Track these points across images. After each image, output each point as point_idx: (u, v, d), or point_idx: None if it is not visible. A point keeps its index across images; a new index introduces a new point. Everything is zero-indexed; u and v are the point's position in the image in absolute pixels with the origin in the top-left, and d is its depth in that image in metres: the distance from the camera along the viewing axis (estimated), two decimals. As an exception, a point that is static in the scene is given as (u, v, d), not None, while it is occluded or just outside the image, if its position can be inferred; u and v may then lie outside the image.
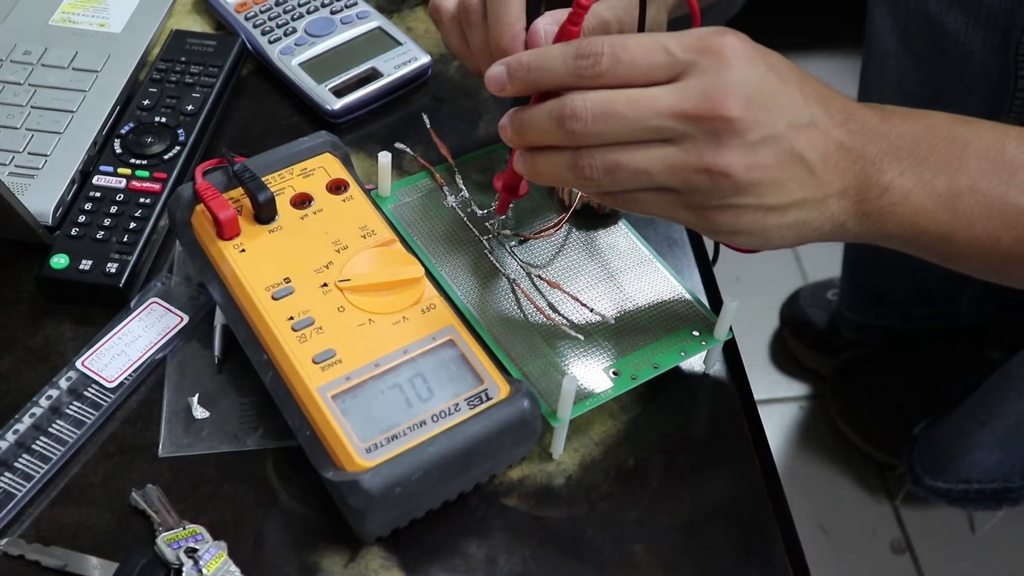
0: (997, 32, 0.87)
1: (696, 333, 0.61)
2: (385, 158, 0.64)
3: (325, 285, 0.58)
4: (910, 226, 0.54)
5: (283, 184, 0.62)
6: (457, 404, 0.55)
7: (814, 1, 1.16)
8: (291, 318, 0.57)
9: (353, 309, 0.57)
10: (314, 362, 0.55)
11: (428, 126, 0.67)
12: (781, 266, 1.43)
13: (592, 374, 0.58)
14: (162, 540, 0.54)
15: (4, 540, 0.55)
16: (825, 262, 1.38)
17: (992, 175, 0.53)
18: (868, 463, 1.24)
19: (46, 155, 0.69)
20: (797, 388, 1.33)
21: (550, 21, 0.61)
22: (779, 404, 1.31)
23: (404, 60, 0.77)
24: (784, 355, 1.35)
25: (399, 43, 0.78)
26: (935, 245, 0.55)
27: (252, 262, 0.59)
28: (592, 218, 0.66)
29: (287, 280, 0.58)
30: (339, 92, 0.75)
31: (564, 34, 0.55)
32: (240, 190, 0.61)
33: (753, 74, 0.49)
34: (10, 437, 0.58)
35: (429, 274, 0.60)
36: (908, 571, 1.17)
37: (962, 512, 1.20)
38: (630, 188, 0.52)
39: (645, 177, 0.51)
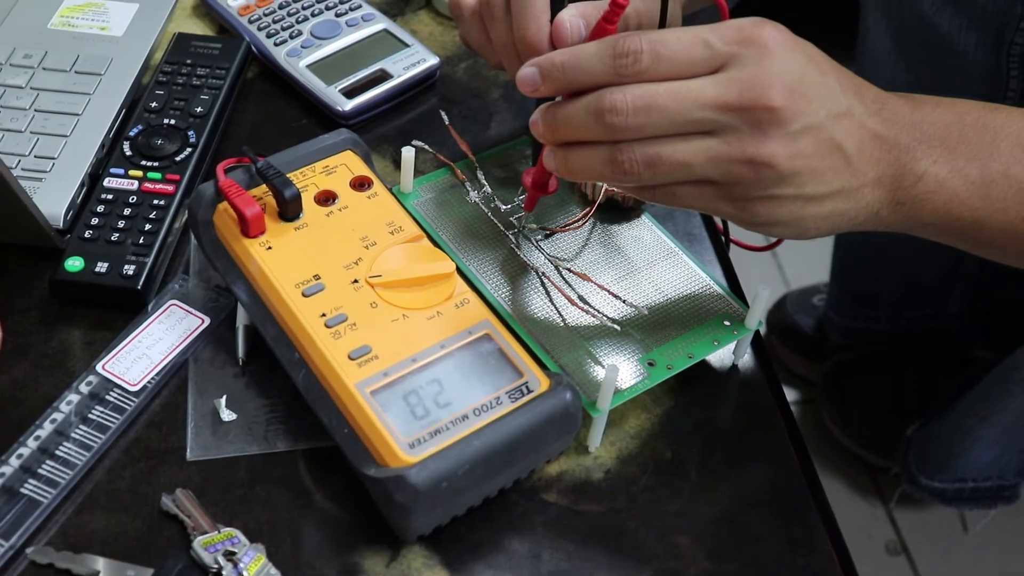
0: (991, 33, 0.88)
1: (727, 323, 0.61)
2: (409, 153, 0.64)
3: (356, 282, 0.57)
4: (944, 213, 0.54)
5: (306, 181, 0.61)
6: (498, 398, 0.54)
7: (805, 4, 1.17)
8: (323, 315, 0.56)
9: (386, 305, 0.56)
10: (350, 358, 0.54)
11: (447, 122, 0.67)
12: (763, 274, 1.43)
13: (628, 365, 0.58)
14: (198, 544, 0.52)
15: (31, 548, 0.53)
16: (806, 269, 1.39)
17: None
18: (860, 467, 1.24)
19: (53, 158, 0.67)
20: (786, 394, 1.33)
21: (575, 13, 0.61)
22: (768, 410, 1.31)
23: (413, 61, 0.76)
24: (772, 361, 1.35)
25: (406, 45, 0.78)
26: (968, 231, 0.55)
27: (280, 259, 0.58)
28: (616, 211, 0.65)
29: (317, 277, 0.57)
30: (349, 93, 0.74)
31: (599, 32, 0.53)
32: (262, 188, 0.60)
33: (794, 64, 0.49)
34: (31, 444, 0.56)
35: (458, 269, 0.59)
36: (904, 572, 1.18)
37: (955, 513, 1.21)
38: (669, 181, 0.51)
39: (686, 170, 0.50)
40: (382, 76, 0.75)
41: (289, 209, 0.59)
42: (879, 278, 1.16)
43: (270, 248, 0.58)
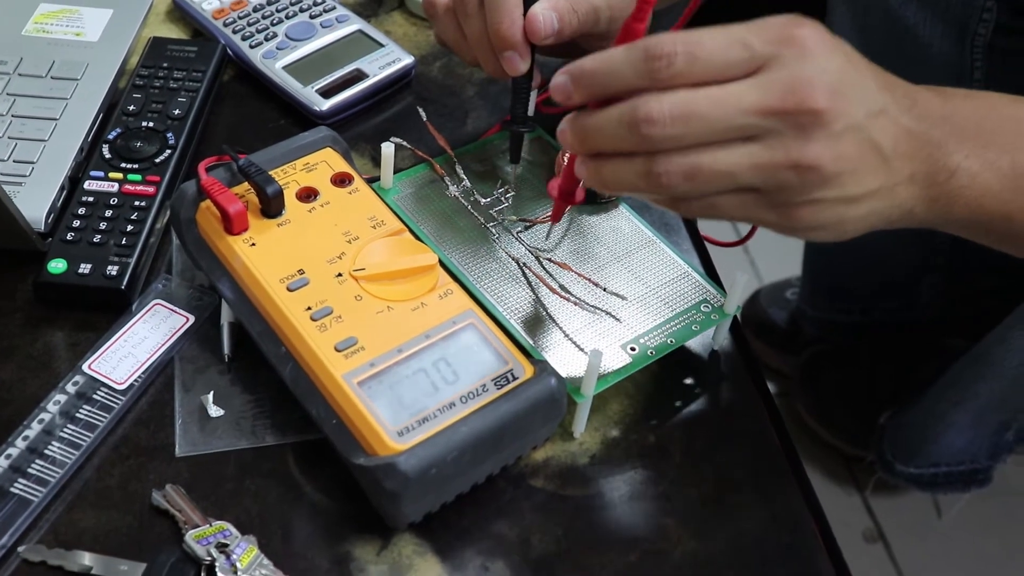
0: (955, 25, 0.90)
1: (706, 309, 0.62)
2: (388, 149, 0.64)
3: (340, 275, 0.58)
4: (976, 208, 0.53)
5: (287, 179, 0.62)
6: (484, 385, 0.54)
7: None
8: (309, 308, 0.56)
9: (370, 298, 0.57)
10: (337, 350, 0.55)
11: (425, 118, 0.67)
12: (736, 269, 1.45)
13: (610, 351, 0.59)
14: (190, 537, 0.53)
15: (23, 546, 0.53)
16: (778, 263, 1.40)
17: None
18: (835, 457, 1.26)
19: (32, 162, 0.68)
20: (762, 386, 1.35)
21: (547, 7, 0.62)
22: (744, 404, 1.33)
23: (388, 61, 0.77)
24: (746, 356, 1.37)
25: (381, 45, 0.78)
26: (998, 225, 0.54)
27: (264, 255, 0.58)
28: (594, 203, 0.66)
29: (301, 272, 0.58)
30: (326, 93, 0.74)
31: (628, 32, 0.51)
32: (243, 186, 0.60)
33: (833, 64, 0.47)
34: (20, 444, 0.56)
35: (440, 262, 0.59)
36: (881, 558, 1.20)
37: (929, 499, 1.23)
38: (709, 192, 0.49)
39: (728, 179, 0.48)
40: (358, 76, 0.76)
41: (272, 206, 0.60)
42: (850, 271, 1.18)
43: (254, 244, 0.59)
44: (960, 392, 0.99)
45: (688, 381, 0.63)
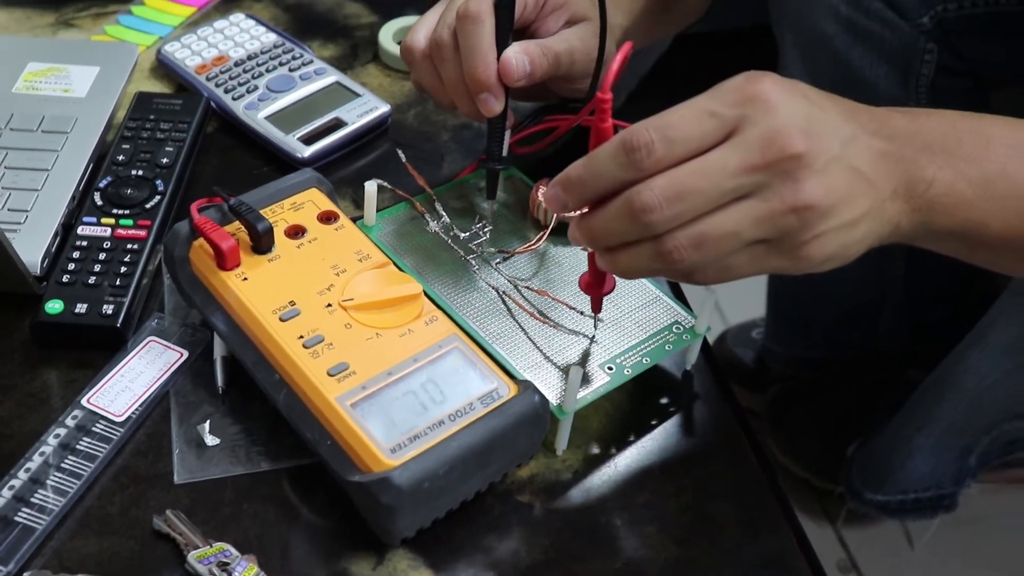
0: (899, 66, 0.95)
1: (678, 330, 0.65)
2: (372, 187, 0.67)
3: (329, 305, 0.60)
4: (953, 215, 0.55)
5: (276, 217, 0.65)
6: (471, 404, 0.57)
7: (725, 45, 1.24)
8: (301, 337, 0.59)
9: (359, 325, 0.60)
10: (329, 375, 0.57)
11: (404, 160, 0.71)
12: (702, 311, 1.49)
13: (589, 370, 0.62)
14: (192, 558, 0.55)
15: (28, 573, 0.54)
16: (743, 305, 1.44)
17: (1017, 160, 0.56)
18: (807, 491, 1.29)
19: (26, 210, 0.70)
20: (732, 425, 1.38)
21: (519, 51, 0.66)
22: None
23: (365, 109, 0.81)
24: (715, 396, 1.40)
25: (358, 95, 0.82)
26: (974, 232, 0.56)
27: (256, 289, 0.61)
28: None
29: (292, 303, 0.60)
30: (307, 140, 0.78)
31: (598, 134, 0.54)
32: (234, 225, 0.63)
33: (798, 108, 0.51)
34: (22, 475, 0.58)
35: (424, 293, 0.62)
36: (856, 588, 1.22)
37: (900, 529, 1.25)
38: (720, 255, 0.52)
39: (735, 239, 0.51)
40: (337, 124, 0.79)
41: (262, 242, 0.62)
42: (813, 307, 1.22)
43: (246, 279, 0.61)
44: (922, 417, 1.03)
45: (663, 400, 0.66)
